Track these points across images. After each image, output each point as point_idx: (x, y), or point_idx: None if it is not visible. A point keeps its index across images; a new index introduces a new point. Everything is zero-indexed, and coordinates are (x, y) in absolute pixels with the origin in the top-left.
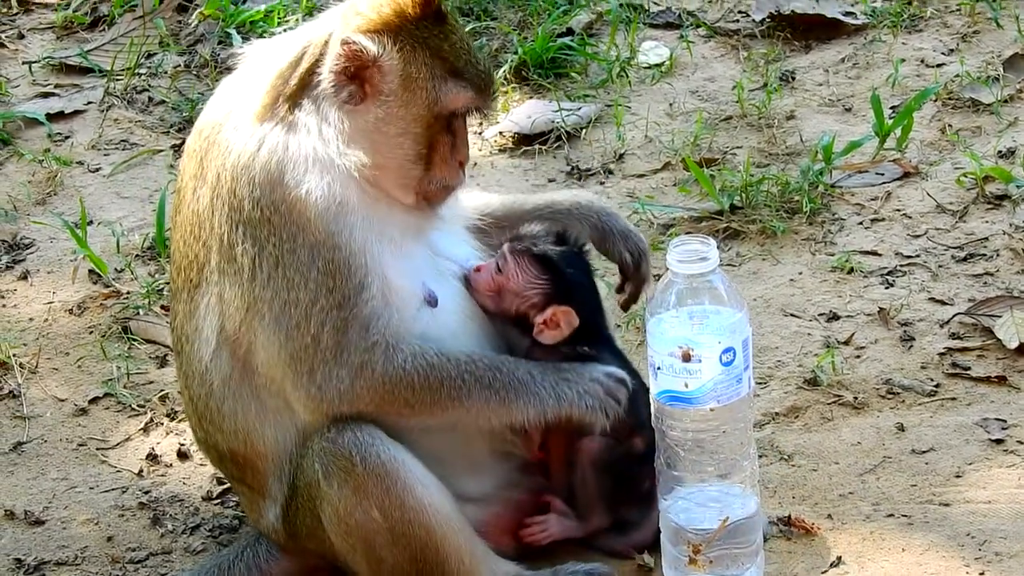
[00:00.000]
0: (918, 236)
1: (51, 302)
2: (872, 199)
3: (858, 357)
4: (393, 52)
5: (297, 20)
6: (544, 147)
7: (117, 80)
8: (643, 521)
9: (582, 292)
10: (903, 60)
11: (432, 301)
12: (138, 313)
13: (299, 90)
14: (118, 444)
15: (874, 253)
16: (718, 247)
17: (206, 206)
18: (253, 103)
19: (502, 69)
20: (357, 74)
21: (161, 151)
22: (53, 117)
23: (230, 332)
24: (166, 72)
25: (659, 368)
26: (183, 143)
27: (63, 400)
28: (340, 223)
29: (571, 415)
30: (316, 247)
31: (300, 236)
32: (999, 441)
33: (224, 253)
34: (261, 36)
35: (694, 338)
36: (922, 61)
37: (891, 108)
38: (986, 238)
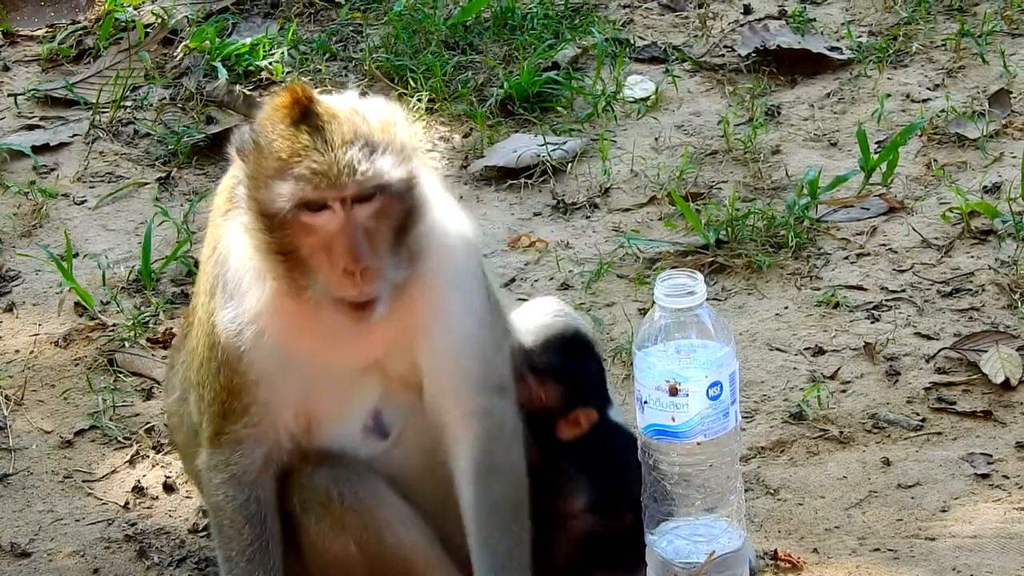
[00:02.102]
0: (904, 271)
1: (37, 334)
2: (857, 234)
3: (844, 391)
4: (248, 154)
5: (282, 54)
6: (530, 181)
7: (102, 113)
8: (639, 562)
9: (595, 387)
10: (888, 95)
11: (379, 431)
12: (124, 346)
13: (237, 198)
14: (104, 476)
15: (860, 288)
16: (704, 281)
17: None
18: (223, 193)
19: (487, 103)
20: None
21: (146, 184)
22: (38, 149)
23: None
24: (151, 105)
25: (646, 402)
26: (168, 176)
27: (49, 432)
28: (247, 357)
29: None
30: (223, 366)
31: (214, 350)
32: (985, 476)
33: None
34: (247, 69)
35: (681, 372)
36: (907, 96)
37: (876, 143)
38: (972, 273)
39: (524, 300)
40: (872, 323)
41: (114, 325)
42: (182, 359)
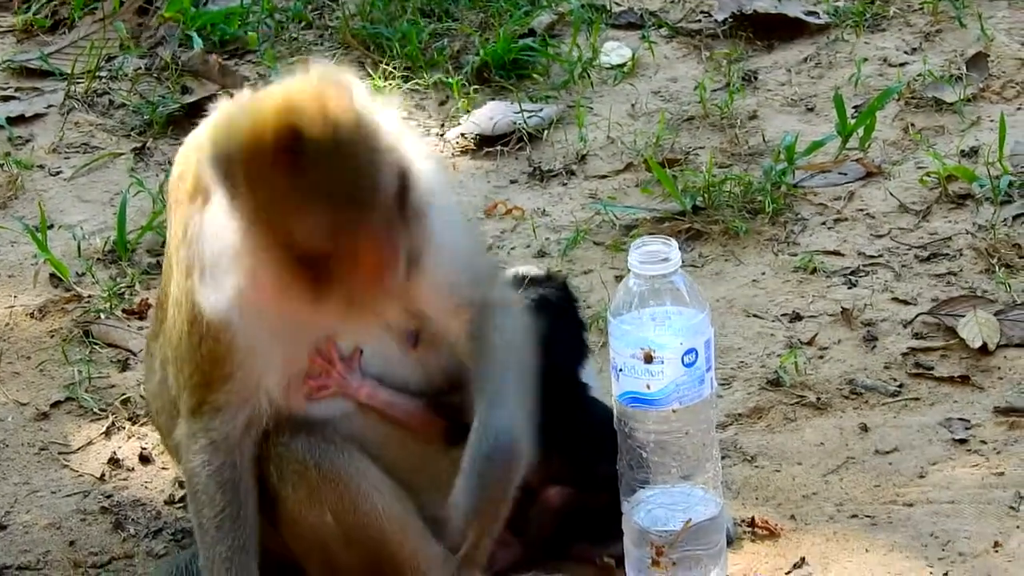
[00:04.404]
0: (881, 236)
1: (12, 306)
2: (835, 199)
3: (821, 358)
4: (243, 186)
5: (257, 22)
6: (506, 148)
7: (78, 83)
8: (615, 531)
9: (557, 331)
10: (865, 59)
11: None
12: (99, 317)
13: (204, 185)
14: (80, 448)
15: (837, 253)
16: (680, 248)
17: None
18: (186, 180)
19: (463, 71)
20: (227, 191)
21: (122, 154)
22: (13, 121)
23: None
24: (127, 75)
25: (621, 369)
26: (144, 146)
27: (24, 404)
28: (231, 329)
29: None
30: (205, 338)
31: (195, 325)
32: (962, 441)
33: (167, 306)
34: (222, 38)
35: (656, 339)
36: (885, 60)
37: (854, 107)
38: (949, 238)
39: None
40: (849, 288)
41: (89, 296)
42: (160, 343)
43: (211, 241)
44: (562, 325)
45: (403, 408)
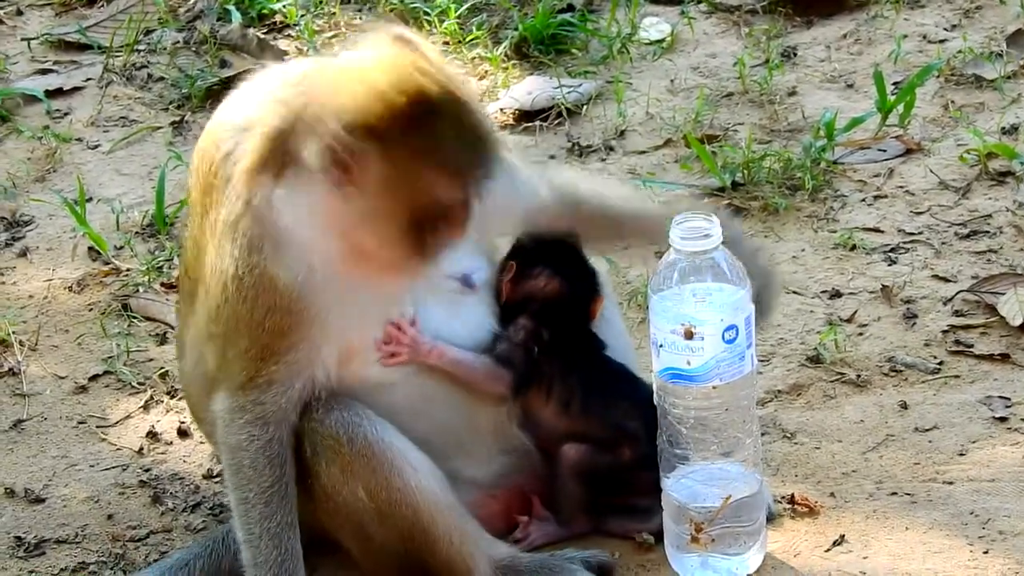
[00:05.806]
0: (921, 213)
1: (51, 279)
2: (875, 176)
3: (861, 335)
4: (374, 151)
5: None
6: (545, 124)
7: (116, 57)
8: (654, 508)
9: (568, 280)
10: (905, 36)
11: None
12: (138, 290)
13: (287, 155)
14: (118, 422)
15: (877, 230)
16: (720, 224)
17: (202, 238)
18: (249, 152)
19: (502, 46)
20: (339, 159)
21: (160, 128)
22: (52, 94)
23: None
24: (165, 48)
25: (661, 345)
26: (182, 120)
27: (63, 378)
28: (305, 299)
29: None
30: (273, 310)
31: (262, 298)
32: (1003, 419)
33: (205, 284)
34: (260, 12)
35: (696, 315)
36: (924, 37)
37: (893, 84)
38: (989, 215)
39: None
40: (889, 265)
41: (128, 270)
42: (191, 324)
43: (291, 214)
44: (572, 274)
45: (471, 364)
